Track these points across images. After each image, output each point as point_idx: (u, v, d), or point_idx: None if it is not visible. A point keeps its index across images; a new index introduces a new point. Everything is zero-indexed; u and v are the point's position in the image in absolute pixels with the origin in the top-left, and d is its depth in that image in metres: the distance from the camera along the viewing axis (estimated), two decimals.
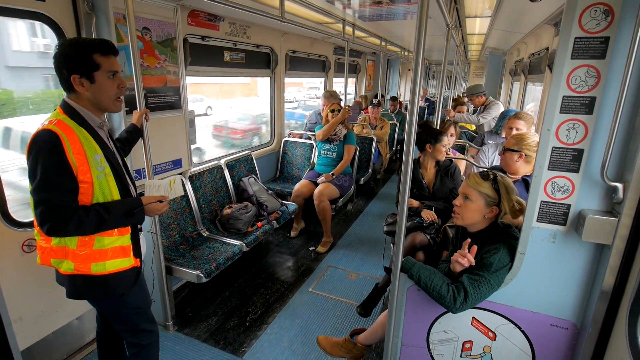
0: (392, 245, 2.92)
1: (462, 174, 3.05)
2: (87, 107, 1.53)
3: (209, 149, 8.46)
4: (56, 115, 1.48)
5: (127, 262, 1.66)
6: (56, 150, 1.38)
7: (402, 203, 1.55)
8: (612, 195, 1.34)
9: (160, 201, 1.71)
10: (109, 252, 1.59)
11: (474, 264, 1.56)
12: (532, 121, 3.11)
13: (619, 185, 1.29)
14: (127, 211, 1.57)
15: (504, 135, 3.91)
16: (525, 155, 2.26)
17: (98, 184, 1.50)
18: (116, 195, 1.58)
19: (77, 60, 1.45)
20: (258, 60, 4.32)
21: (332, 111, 4.16)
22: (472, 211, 1.68)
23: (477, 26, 4.82)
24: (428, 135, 2.83)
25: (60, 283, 1.66)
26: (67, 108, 1.51)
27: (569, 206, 1.41)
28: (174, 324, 2.71)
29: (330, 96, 4.85)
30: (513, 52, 6.55)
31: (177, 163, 3.01)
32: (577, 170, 1.37)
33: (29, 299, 2.16)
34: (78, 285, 1.62)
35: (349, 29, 4.56)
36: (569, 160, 1.37)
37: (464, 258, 1.55)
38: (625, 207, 1.28)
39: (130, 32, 2.08)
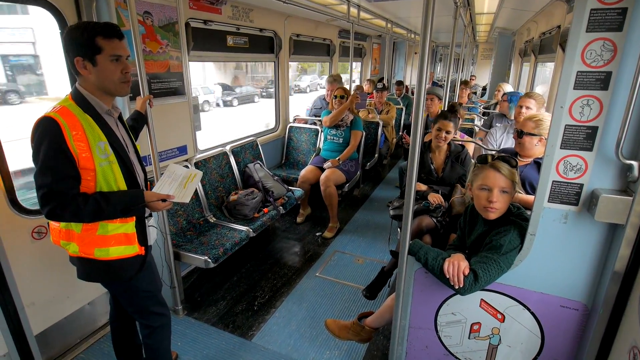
0: (398, 229, 2.91)
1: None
2: (94, 92, 1.52)
3: None
4: (63, 102, 1.49)
5: (131, 250, 1.65)
6: (56, 137, 1.38)
7: (409, 186, 1.53)
8: (626, 174, 1.30)
9: (164, 200, 1.68)
10: (112, 239, 1.59)
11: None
12: (543, 102, 3.04)
13: (635, 163, 1.25)
14: (126, 205, 1.56)
15: (512, 117, 3.84)
16: (545, 138, 2.21)
17: (101, 172, 1.50)
18: (121, 184, 1.57)
19: (80, 42, 1.44)
20: (262, 45, 4.25)
21: (336, 97, 4.10)
22: (508, 202, 1.62)
23: (485, 5, 4.68)
24: (439, 116, 2.78)
25: (72, 263, 1.69)
26: (75, 94, 1.51)
27: (581, 186, 1.37)
28: (184, 309, 2.75)
29: (334, 81, 4.79)
30: (523, 32, 6.37)
31: (182, 149, 3.01)
32: (590, 149, 1.33)
33: (40, 284, 2.20)
34: (85, 268, 1.65)
35: (353, 10, 4.45)
36: (583, 138, 1.32)
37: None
38: None
39: (131, 16, 2.05)
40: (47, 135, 1.38)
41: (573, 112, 1.31)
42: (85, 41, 1.44)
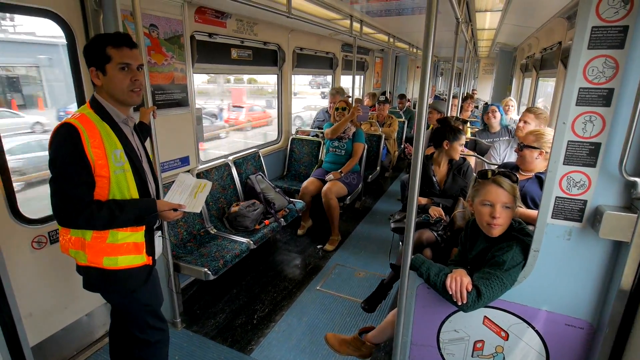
0: (400, 242, 2.89)
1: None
2: (109, 101, 1.55)
3: None
4: (82, 110, 1.53)
5: (139, 259, 1.66)
6: (74, 143, 1.40)
7: (411, 199, 1.52)
8: (630, 191, 1.28)
9: (175, 209, 1.69)
10: (122, 248, 1.60)
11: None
12: (545, 117, 3.04)
13: (639, 180, 1.24)
14: (139, 214, 1.57)
15: (496, 127, 4.00)
16: (546, 152, 2.21)
17: (115, 180, 1.51)
18: (134, 192, 1.58)
19: (92, 53, 1.49)
20: (265, 58, 4.31)
21: (338, 109, 4.12)
22: (510, 218, 1.61)
23: (487, 21, 4.74)
24: (448, 132, 2.78)
25: (79, 273, 1.68)
26: (93, 103, 1.54)
27: (585, 202, 1.36)
28: (182, 322, 2.71)
29: (337, 93, 4.82)
30: (524, 48, 6.44)
31: (184, 160, 3.02)
32: (594, 165, 1.32)
33: (38, 295, 2.18)
34: (92, 278, 1.64)
35: (356, 25, 4.51)
36: (586, 154, 1.32)
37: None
38: None
39: (137, 29, 2.08)
40: (67, 141, 1.41)
41: (575, 128, 1.31)
42: (97, 51, 1.48)
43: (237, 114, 12.11)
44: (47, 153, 1.45)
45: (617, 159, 1.27)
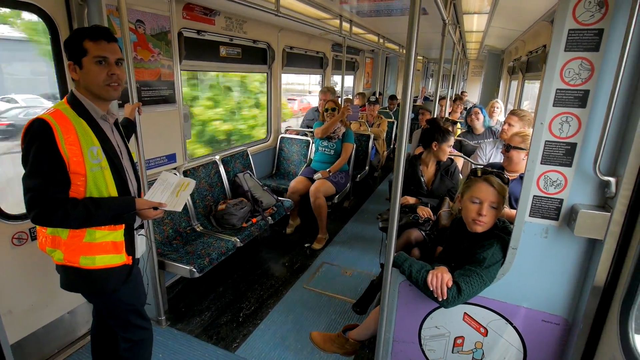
0: None
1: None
2: (87, 96, 1.52)
3: None
4: (57, 105, 1.48)
5: (117, 259, 1.62)
6: (47, 140, 1.36)
7: (394, 198, 1.54)
8: (604, 190, 1.32)
9: (156, 208, 1.65)
10: (100, 247, 1.56)
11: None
12: (530, 119, 3.10)
13: (612, 180, 1.28)
14: (117, 212, 1.53)
15: (480, 129, 4.05)
16: None
17: (92, 177, 1.47)
18: (112, 190, 1.55)
19: (70, 47, 1.46)
20: (255, 56, 4.29)
21: (327, 110, 4.13)
22: (495, 218, 1.64)
23: (474, 23, 4.80)
24: (437, 133, 2.81)
25: (57, 271, 1.64)
26: (71, 98, 1.51)
27: (561, 201, 1.40)
28: (167, 319, 2.69)
29: (328, 91, 4.83)
30: (511, 51, 6.54)
31: (171, 158, 2.99)
32: (569, 165, 1.36)
33: (19, 292, 2.14)
34: (69, 277, 1.60)
35: (346, 25, 4.53)
36: (562, 154, 1.36)
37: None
38: (618, 202, 1.27)
39: (122, 24, 2.06)
40: (38, 138, 1.36)
41: (553, 129, 1.35)
42: (74, 45, 1.45)
43: (291, 105, 15.00)
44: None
45: (592, 159, 1.30)
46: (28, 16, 2.29)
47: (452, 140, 2.83)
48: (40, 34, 2.23)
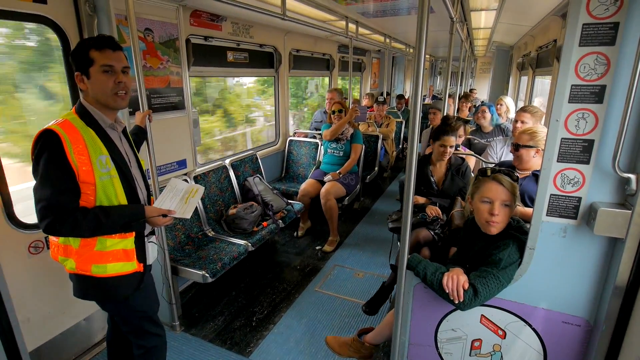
0: (398, 242, 2.88)
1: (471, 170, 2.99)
2: (95, 106, 1.53)
3: None
4: (65, 115, 1.50)
5: (129, 267, 1.63)
6: (56, 150, 1.38)
7: (407, 199, 1.52)
8: (624, 187, 1.29)
9: (165, 215, 1.65)
10: (111, 255, 1.57)
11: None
12: (541, 114, 3.05)
13: (632, 177, 1.24)
14: (126, 220, 1.54)
15: (489, 127, 4.02)
16: (542, 149, 2.21)
17: (101, 186, 1.49)
18: (122, 198, 1.56)
19: (77, 57, 1.48)
20: (262, 60, 4.31)
21: (334, 112, 4.12)
22: (509, 216, 1.60)
23: (482, 20, 4.75)
24: (436, 132, 2.78)
25: (70, 279, 1.66)
26: (79, 107, 1.53)
27: (579, 199, 1.36)
28: (181, 325, 2.71)
29: (335, 90, 4.83)
30: (520, 47, 6.45)
31: (181, 164, 3.02)
32: (587, 162, 1.32)
33: (36, 300, 2.18)
34: (81, 285, 1.62)
35: (352, 26, 4.52)
36: (579, 151, 1.32)
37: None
38: (639, 199, 1.23)
39: (131, 33, 2.08)
40: (48, 148, 1.38)
41: (569, 125, 1.31)
42: (80, 56, 1.47)
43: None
44: None
45: (611, 156, 1.27)
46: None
47: (448, 140, 2.76)
48: None
